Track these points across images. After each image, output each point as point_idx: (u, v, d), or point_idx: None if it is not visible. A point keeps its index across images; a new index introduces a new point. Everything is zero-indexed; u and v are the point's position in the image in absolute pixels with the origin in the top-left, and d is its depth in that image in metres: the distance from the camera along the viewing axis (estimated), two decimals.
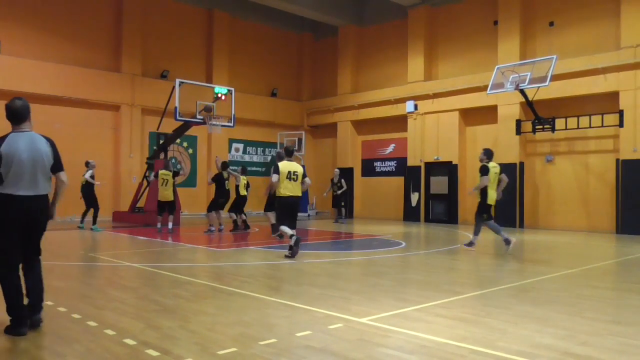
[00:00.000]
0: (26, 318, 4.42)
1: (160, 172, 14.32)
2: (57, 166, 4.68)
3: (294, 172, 9.29)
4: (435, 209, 20.09)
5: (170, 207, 14.19)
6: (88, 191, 14.65)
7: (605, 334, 4.61)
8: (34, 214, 4.53)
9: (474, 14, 19.47)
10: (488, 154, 10.50)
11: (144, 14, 20.37)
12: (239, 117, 18.80)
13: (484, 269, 8.83)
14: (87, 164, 14.81)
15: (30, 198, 4.46)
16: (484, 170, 10.28)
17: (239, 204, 14.47)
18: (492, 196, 10.36)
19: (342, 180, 18.92)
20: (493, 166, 10.39)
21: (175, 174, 14.48)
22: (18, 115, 4.56)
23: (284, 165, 9.26)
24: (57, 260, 8.97)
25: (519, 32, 17.75)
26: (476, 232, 10.66)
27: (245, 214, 14.69)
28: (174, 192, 14.50)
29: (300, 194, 9.47)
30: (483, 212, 10.34)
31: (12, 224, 4.44)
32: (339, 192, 18.83)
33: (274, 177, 9.11)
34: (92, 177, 14.65)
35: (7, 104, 4.60)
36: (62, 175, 4.73)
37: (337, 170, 19.59)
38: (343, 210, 19.13)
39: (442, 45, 20.50)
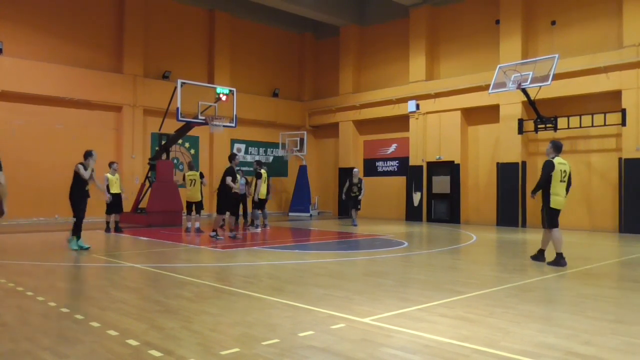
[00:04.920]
0: None
1: (187, 173, 14.79)
2: None
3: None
4: (437, 208, 20.08)
5: (197, 207, 14.64)
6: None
7: (609, 333, 4.60)
8: None
9: (476, 13, 19.45)
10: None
11: (145, 15, 20.40)
12: (240, 117, 18.80)
13: (486, 268, 8.82)
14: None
15: None
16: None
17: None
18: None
19: (362, 181, 17.81)
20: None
21: (202, 175, 14.86)
22: None
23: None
24: (60, 261, 8.99)
25: (521, 31, 17.73)
26: (255, 218, 14.99)
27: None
28: (201, 192, 14.84)
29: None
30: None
31: None
32: (360, 195, 17.51)
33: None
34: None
35: None
36: (1, 176, 5.28)
37: (356, 170, 18.40)
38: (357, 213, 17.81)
39: (443, 45, 20.49)
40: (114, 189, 13.76)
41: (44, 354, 3.97)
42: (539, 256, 9.06)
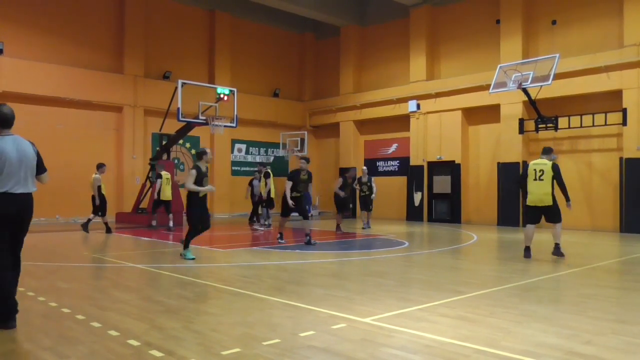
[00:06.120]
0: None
1: (163, 173, 15.14)
2: (42, 167, 5.01)
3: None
4: (438, 208, 20.07)
5: (169, 206, 15.18)
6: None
7: (610, 333, 4.60)
8: (27, 211, 4.81)
9: (476, 13, 19.44)
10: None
11: (146, 16, 20.41)
12: (241, 117, 18.81)
13: (487, 268, 8.82)
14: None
15: (25, 195, 4.77)
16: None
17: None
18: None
19: (372, 179, 16.38)
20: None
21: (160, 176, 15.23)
22: (11, 121, 4.89)
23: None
24: (61, 261, 8.99)
25: (522, 30, 17.72)
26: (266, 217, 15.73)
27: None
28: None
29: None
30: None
31: (7, 221, 4.67)
32: (373, 195, 16.07)
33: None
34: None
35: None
36: (46, 175, 5.10)
37: (364, 168, 17.37)
38: (370, 213, 16.41)
39: (444, 45, 20.48)
40: (104, 190, 13.99)
41: (44, 354, 3.97)
42: (556, 251, 9.45)
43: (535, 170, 9.41)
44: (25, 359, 3.94)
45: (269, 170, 15.89)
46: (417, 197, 20.55)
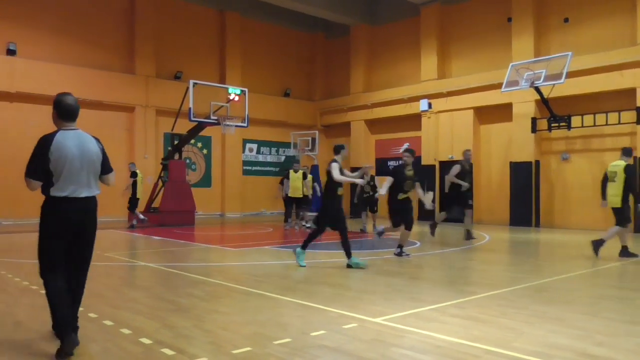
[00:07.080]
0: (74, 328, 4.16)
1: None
2: (108, 166, 4.36)
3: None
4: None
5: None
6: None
7: (622, 334, 4.55)
8: (91, 218, 4.24)
9: (487, 11, 19.32)
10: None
11: (156, 16, 20.54)
12: (252, 117, 18.85)
13: (499, 268, 8.76)
14: None
15: (89, 199, 4.18)
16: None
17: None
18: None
19: (376, 179, 15.42)
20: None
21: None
22: (75, 114, 4.21)
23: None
24: None
25: (533, 28, 17.58)
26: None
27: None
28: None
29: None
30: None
31: (66, 231, 4.09)
32: (376, 194, 14.97)
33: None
34: None
35: (62, 100, 4.16)
36: (113, 176, 4.44)
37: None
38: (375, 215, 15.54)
39: (455, 43, 20.38)
40: None
41: None
42: (595, 246, 9.82)
43: (608, 171, 9.76)
44: (38, 357, 3.98)
45: (306, 171, 15.98)
46: (429, 196, 20.43)
